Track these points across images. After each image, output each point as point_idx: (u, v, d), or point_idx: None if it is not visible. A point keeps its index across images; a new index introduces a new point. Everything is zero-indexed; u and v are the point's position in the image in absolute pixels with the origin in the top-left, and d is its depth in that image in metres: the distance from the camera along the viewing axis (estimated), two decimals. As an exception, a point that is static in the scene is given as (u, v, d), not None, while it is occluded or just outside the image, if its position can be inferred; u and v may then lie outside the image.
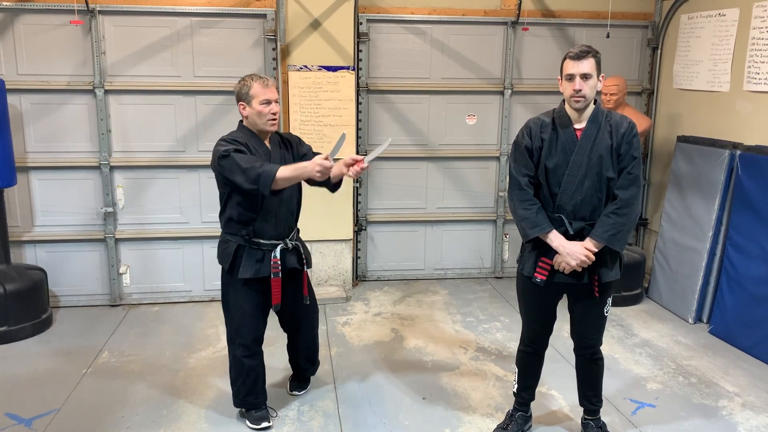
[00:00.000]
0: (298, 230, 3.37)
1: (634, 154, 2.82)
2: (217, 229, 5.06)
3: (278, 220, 3.16)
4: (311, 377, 3.77)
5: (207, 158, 5.00)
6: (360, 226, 5.54)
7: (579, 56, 2.77)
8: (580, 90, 2.75)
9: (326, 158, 2.88)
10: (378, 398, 3.66)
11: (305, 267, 3.34)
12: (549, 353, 4.24)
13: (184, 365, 4.04)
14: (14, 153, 4.50)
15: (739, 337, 4.36)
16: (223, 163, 2.96)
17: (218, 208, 5.18)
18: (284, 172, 2.88)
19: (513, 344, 4.39)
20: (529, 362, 3.25)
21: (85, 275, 5.01)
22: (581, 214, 2.87)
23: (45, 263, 4.87)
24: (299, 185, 3.27)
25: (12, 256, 4.63)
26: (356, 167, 2.95)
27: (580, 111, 2.84)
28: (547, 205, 2.92)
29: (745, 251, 4.41)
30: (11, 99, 4.67)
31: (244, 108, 3.09)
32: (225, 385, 3.74)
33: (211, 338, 4.45)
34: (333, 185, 3.28)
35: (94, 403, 3.56)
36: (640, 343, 4.44)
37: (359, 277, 5.64)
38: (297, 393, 3.68)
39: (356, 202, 5.46)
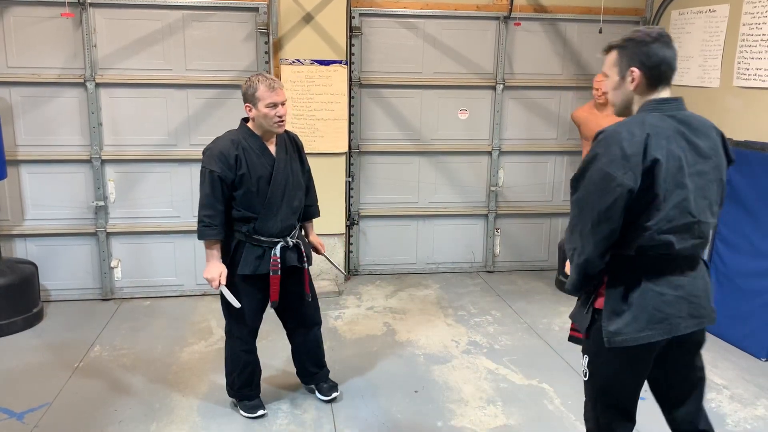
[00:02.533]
0: (299, 228, 3.37)
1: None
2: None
3: (280, 218, 3.17)
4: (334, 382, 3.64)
5: (199, 152, 4.98)
6: (352, 220, 5.54)
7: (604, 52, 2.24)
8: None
9: (219, 283, 3.12)
10: (370, 392, 3.67)
11: (305, 265, 3.33)
12: (542, 348, 4.30)
13: (177, 359, 4.04)
14: (4, 146, 4.47)
15: (728, 330, 4.41)
16: (201, 176, 3.10)
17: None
18: (207, 247, 3.14)
19: (504, 337, 4.42)
20: None
21: (76, 269, 4.99)
22: None
23: (36, 257, 4.85)
24: (299, 183, 3.27)
25: (2, 250, 4.61)
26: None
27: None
28: None
29: (734, 246, 4.45)
30: (1, 92, 4.64)
31: (250, 110, 3.05)
32: (217, 379, 3.75)
33: (203, 332, 4.45)
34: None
35: (86, 397, 3.56)
36: (630, 337, 4.47)
37: (351, 271, 5.65)
38: (325, 398, 3.52)
39: (348, 197, 5.46)
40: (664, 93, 2.13)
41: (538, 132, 5.69)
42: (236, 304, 3.14)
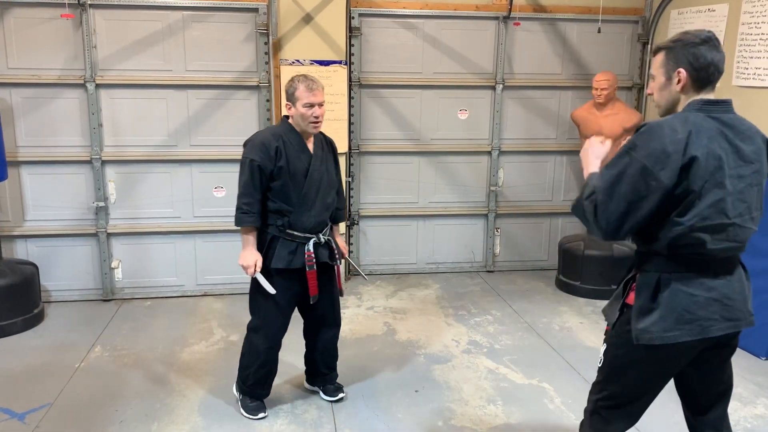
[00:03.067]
0: (330, 226, 3.41)
1: None
2: (208, 223, 5.10)
3: (314, 213, 3.22)
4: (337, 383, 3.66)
5: (199, 153, 5.02)
6: (352, 220, 5.55)
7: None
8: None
9: (255, 270, 3.15)
10: (371, 391, 3.68)
11: (337, 262, 3.39)
12: (542, 347, 4.30)
13: (177, 359, 4.05)
14: (5, 147, 4.47)
15: (728, 329, 4.41)
16: (241, 166, 3.15)
17: (210, 203, 5.19)
18: (244, 233, 3.16)
19: (504, 337, 4.43)
20: None
21: (76, 270, 5.00)
22: None
23: (36, 258, 4.86)
24: (333, 182, 3.34)
25: (3, 251, 4.62)
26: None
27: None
28: None
29: (734, 245, 4.45)
30: (1, 93, 4.65)
31: (289, 108, 3.16)
32: (218, 379, 3.76)
33: (204, 332, 4.45)
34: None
35: (87, 398, 3.57)
36: (630, 336, 4.48)
37: (352, 271, 5.65)
38: (331, 399, 3.56)
39: (348, 197, 5.47)
40: (709, 95, 2.13)
41: (538, 132, 5.69)
42: (271, 290, 3.17)
